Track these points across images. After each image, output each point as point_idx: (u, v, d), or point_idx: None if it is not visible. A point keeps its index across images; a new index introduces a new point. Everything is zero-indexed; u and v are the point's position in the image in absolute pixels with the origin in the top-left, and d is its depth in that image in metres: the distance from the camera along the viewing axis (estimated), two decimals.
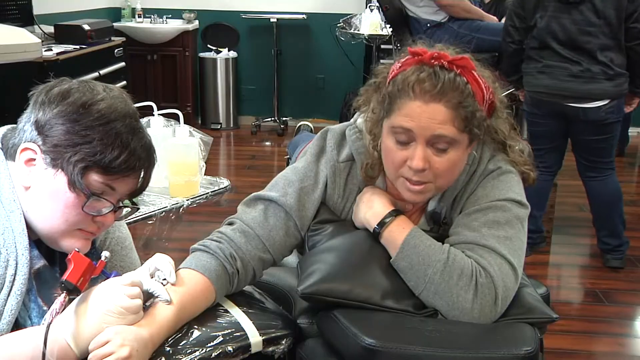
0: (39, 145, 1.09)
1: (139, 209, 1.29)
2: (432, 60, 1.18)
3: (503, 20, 3.89)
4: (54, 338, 0.99)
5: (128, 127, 1.10)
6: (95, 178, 1.09)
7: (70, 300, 1.03)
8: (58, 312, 1.00)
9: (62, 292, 1.00)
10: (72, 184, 1.07)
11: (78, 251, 1.04)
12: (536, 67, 3.08)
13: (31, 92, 1.12)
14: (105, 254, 1.09)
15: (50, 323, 0.98)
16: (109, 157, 1.07)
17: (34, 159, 1.09)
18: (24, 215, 1.09)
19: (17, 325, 1.07)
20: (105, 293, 1.04)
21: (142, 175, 1.15)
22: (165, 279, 1.12)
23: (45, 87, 1.11)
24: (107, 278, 1.07)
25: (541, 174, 3.21)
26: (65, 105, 1.08)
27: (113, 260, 1.26)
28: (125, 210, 1.18)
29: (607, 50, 2.94)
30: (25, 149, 1.09)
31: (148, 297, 1.11)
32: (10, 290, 1.05)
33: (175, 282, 1.13)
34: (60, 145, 1.07)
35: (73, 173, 1.07)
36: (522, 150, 1.34)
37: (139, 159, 1.11)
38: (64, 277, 1.01)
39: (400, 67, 1.23)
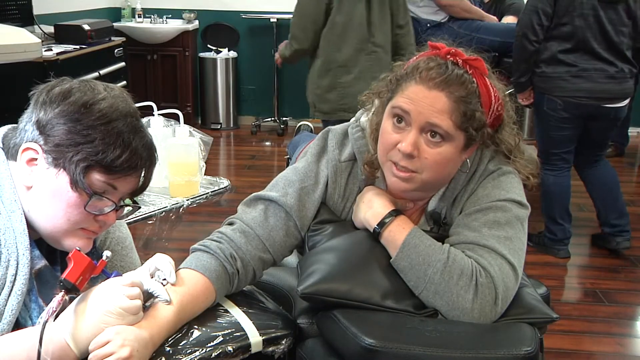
0: (40, 145, 1.09)
1: (140, 207, 1.29)
2: (448, 56, 1.21)
3: (503, 20, 3.90)
4: (50, 337, 0.99)
5: (129, 126, 1.10)
6: (97, 177, 1.09)
7: (71, 300, 1.03)
8: (55, 311, 0.99)
9: (61, 291, 1.00)
10: (74, 184, 1.07)
11: (79, 250, 1.04)
12: (570, 72, 3.05)
13: (32, 92, 1.12)
14: (106, 253, 1.09)
15: (46, 321, 0.97)
16: (111, 157, 1.07)
17: (36, 159, 1.09)
18: (25, 215, 1.09)
19: (17, 325, 1.06)
20: (105, 293, 1.03)
21: (143, 174, 1.16)
22: (165, 279, 1.12)
23: (46, 87, 1.11)
24: (108, 278, 1.07)
25: (559, 177, 3.26)
26: (66, 105, 1.08)
27: (113, 260, 1.26)
28: (126, 209, 1.18)
29: (629, 49, 3.04)
30: (27, 148, 1.09)
31: (148, 297, 1.11)
32: (11, 290, 1.05)
33: (175, 282, 1.13)
34: (62, 145, 1.07)
35: (75, 172, 1.07)
36: (524, 152, 1.35)
37: (140, 158, 1.12)
38: (63, 275, 1.01)
39: (416, 58, 1.26)
